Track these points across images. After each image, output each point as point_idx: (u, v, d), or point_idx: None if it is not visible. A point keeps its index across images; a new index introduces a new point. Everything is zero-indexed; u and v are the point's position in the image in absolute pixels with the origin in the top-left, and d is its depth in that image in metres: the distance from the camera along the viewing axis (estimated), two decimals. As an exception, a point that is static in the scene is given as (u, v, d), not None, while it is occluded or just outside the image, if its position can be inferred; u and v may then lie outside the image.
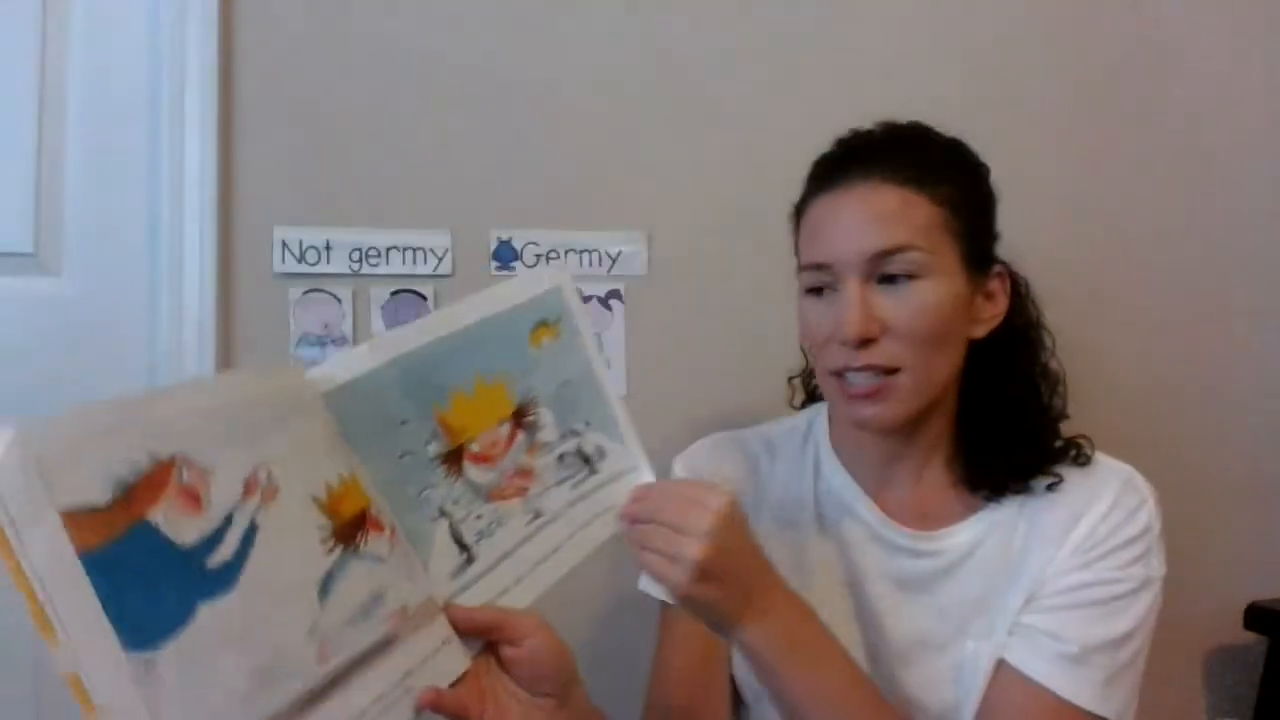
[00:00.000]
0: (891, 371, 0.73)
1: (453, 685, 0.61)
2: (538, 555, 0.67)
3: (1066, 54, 1.32)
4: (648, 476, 0.72)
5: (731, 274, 1.20)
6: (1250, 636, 1.35)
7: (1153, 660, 0.73)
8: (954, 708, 0.76)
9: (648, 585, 0.82)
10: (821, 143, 1.21)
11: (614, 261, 1.17)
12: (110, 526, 0.43)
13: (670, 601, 0.70)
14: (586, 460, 0.71)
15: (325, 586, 0.53)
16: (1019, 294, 0.83)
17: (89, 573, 0.42)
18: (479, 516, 0.65)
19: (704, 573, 0.62)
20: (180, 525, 0.45)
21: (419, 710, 0.58)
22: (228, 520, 0.48)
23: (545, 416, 0.67)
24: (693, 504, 0.63)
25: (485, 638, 0.64)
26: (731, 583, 0.64)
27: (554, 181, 1.16)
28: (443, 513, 0.63)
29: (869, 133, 0.81)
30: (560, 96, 1.16)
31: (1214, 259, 1.40)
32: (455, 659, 0.62)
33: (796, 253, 0.80)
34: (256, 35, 1.07)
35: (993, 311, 0.79)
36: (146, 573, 0.44)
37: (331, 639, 0.52)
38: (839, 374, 0.75)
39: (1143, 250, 1.37)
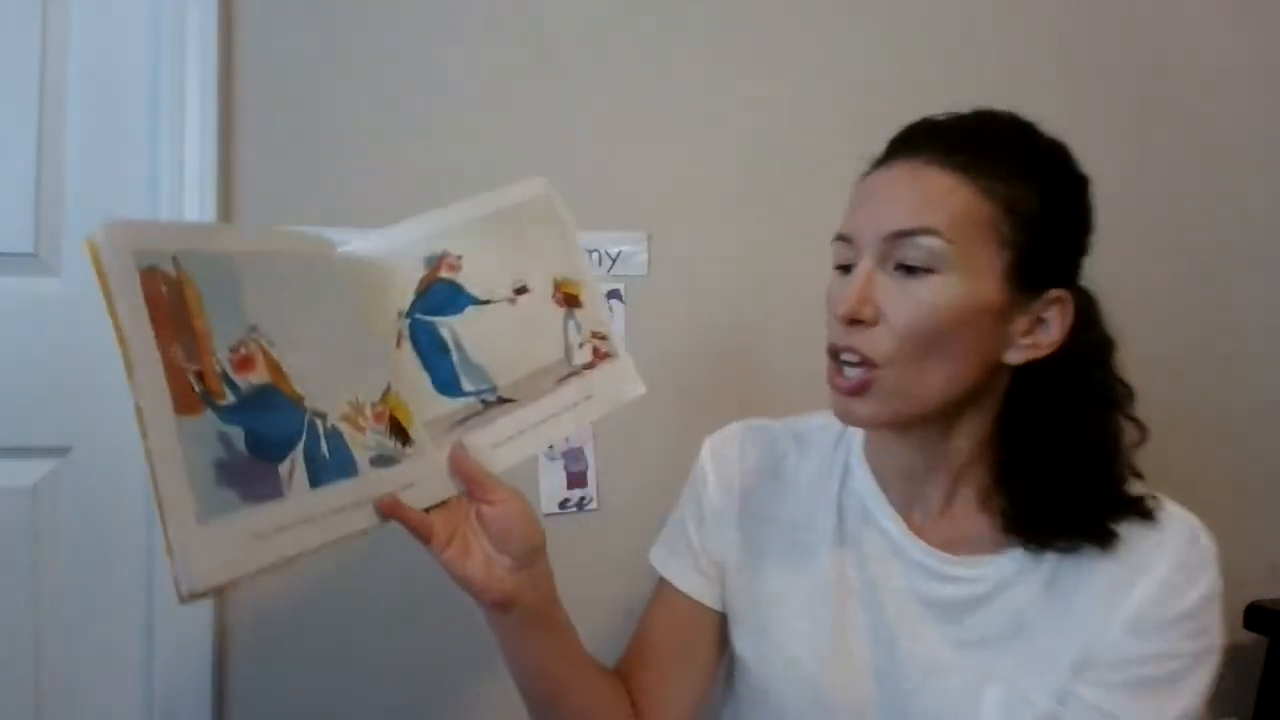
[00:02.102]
0: (874, 365, 0.69)
1: (426, 510, 0.68)
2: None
3: (1065, 58, 1.32)
4: None
5: (731, 274, 1.20)
6: (1250, 636, 1.35)
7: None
8: None
9: (655, 557, 0.89)
10: (824, 144, 1.23)
11: (614, 261, 1.17)
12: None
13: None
14: None
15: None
16: (1089, 327, 0.74)
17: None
18: None
19: None
20: None
21: (380, 513, 0.65)
22: None
23: None
24: None
25: (468, 487, 0.70)
26: None
27: (554, 181, 1.15)
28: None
29: (949, 115, 0.75)
30: (561, 96, 1.16)
31: (1216, 261, 1.40)
32: (437, 489, 0.70)
33: None
34: (256, 35, 1.07)
35: (1038, 340, 0.71)
36: None
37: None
38: (833, 355, 0.72)
39: (1145, 251, 1.37)
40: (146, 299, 0.57)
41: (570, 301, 0.77)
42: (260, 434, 0.59)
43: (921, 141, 0.71)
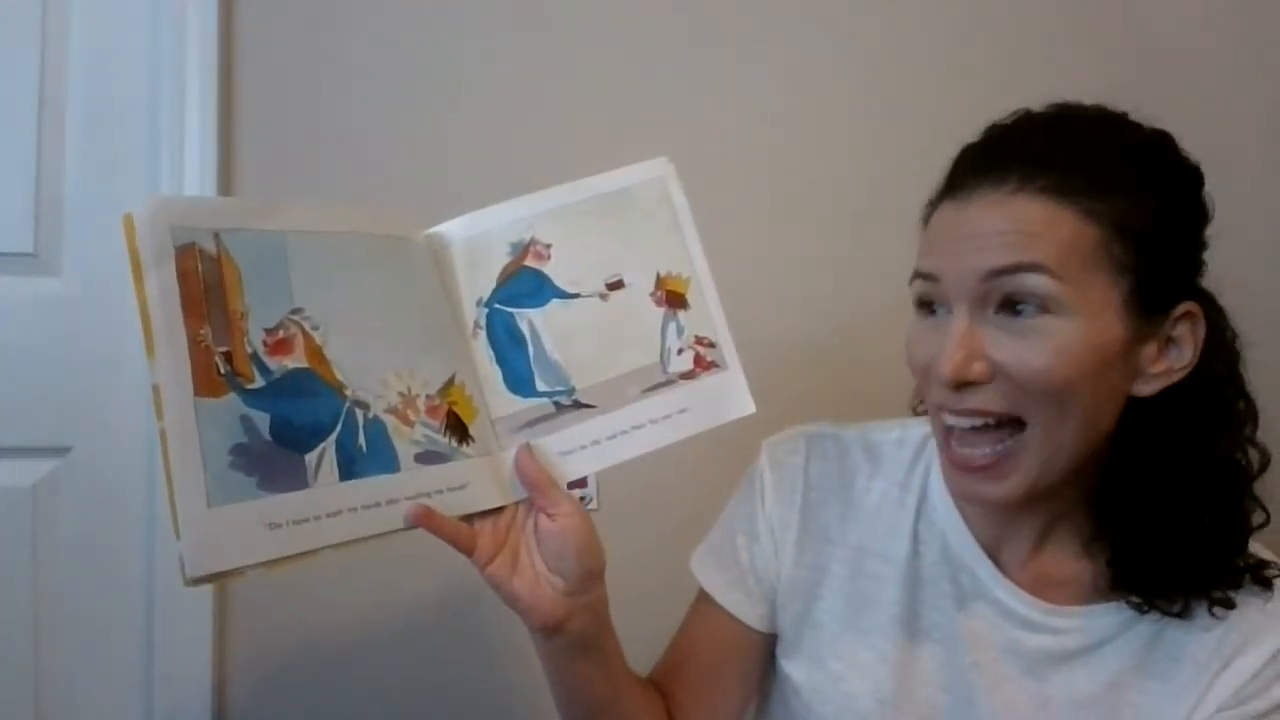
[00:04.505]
0: (1009, 426, 0.60)
1: (471, 517, 0.63)
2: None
3: (1063, 62, 1.31)
4: None
5: (732, 276, 1.19)
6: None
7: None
8: None
9: (697, 566, 0.80)
10: (824, 145, 1.23)
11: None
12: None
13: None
14: None
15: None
16: (1220, 341, 0.65)
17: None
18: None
19: None
20: None
21: (408, 521, 0.60)
22: None
23: None
24: None
25: (531, 495, 0.64)
26: None
27: (557, 184, 1.16)
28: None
29: (1027, 120, 0.65)
30: (564, 99, 1.16)
31: (1215, 262, 1.40)
32: (494, 494, 0.65)
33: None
34: (257, 35, 1.07)
35: (1171, 365, 0.62)
36: None
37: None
38: (947, 431, 0.63)
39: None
40: (179, 276, 0.56)
41: (674, 301, 0.70)
42: (288, 420, 0.57)
43: (1000, 165, 0.61)
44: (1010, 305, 0.59)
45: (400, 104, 1.11)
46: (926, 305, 0.64)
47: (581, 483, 1.15)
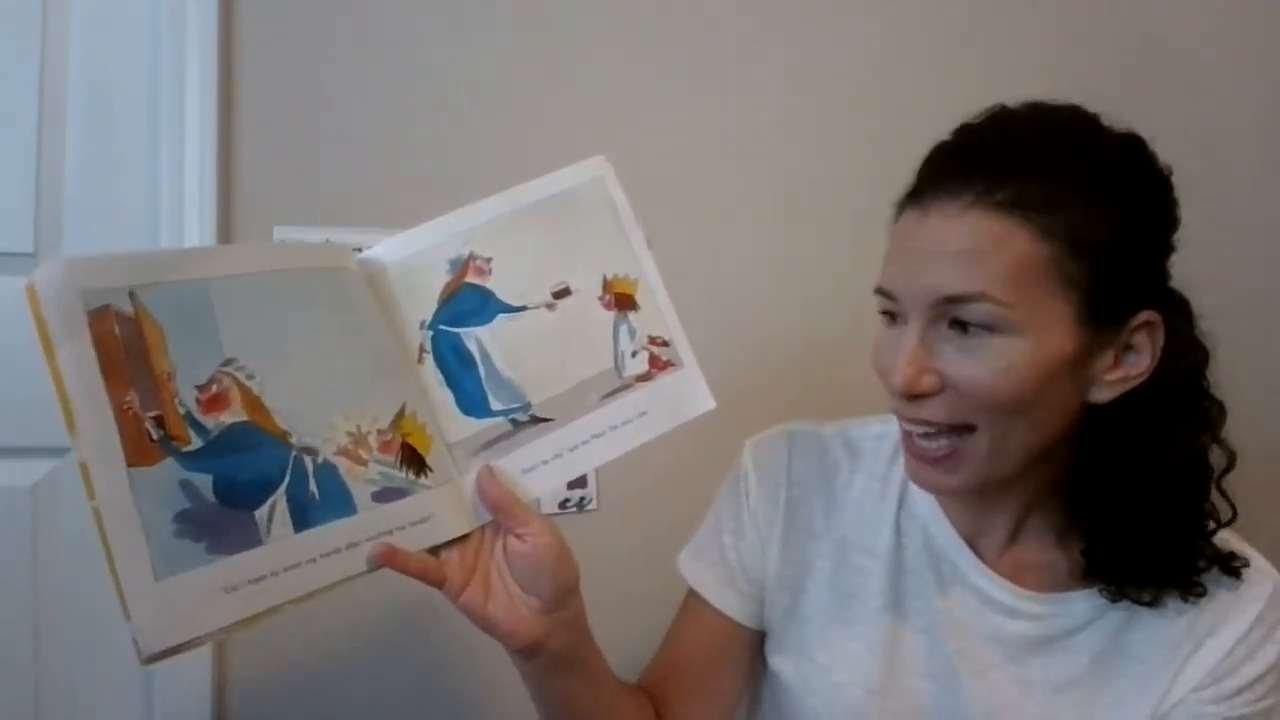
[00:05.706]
0: (960, 430, 0.62)
1: (437, 549, 0.62)
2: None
3: (1063, 61, 1.32)
4: None
5: (731, 276, 1.20)
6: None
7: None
8: None
9: (686, 566, 0.81)
10: (824, 145, 1.23)
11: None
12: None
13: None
14: None
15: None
16: (1183, 342, 0.64)
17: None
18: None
19: None
20: None
21: (371, 563, 0.58)
22: None
23: None
24: None
25: (495, 517, 0.63)
26: None
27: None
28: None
29: (996, 124, 0.65)
30: (560, 98, 1.16)
31: (1213, 263, 1.40)
32: (459, 522, 0.63)
33: None
34: (257, 35, 1.07)
35: (1127, 373, 0.62)
36: None
37: None
38: (906, 429, 0.66)
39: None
40: (95, 342, 0.53)
41: (623, 303, 0.68)
42: (232, 478, 0.55)
43: (961, 174, 0.60)
44: (960, 323, 0.60)
45: (400, 104, 1.11)
46: (890, 315, 0.66)
47: (581, 482, 1.15)
